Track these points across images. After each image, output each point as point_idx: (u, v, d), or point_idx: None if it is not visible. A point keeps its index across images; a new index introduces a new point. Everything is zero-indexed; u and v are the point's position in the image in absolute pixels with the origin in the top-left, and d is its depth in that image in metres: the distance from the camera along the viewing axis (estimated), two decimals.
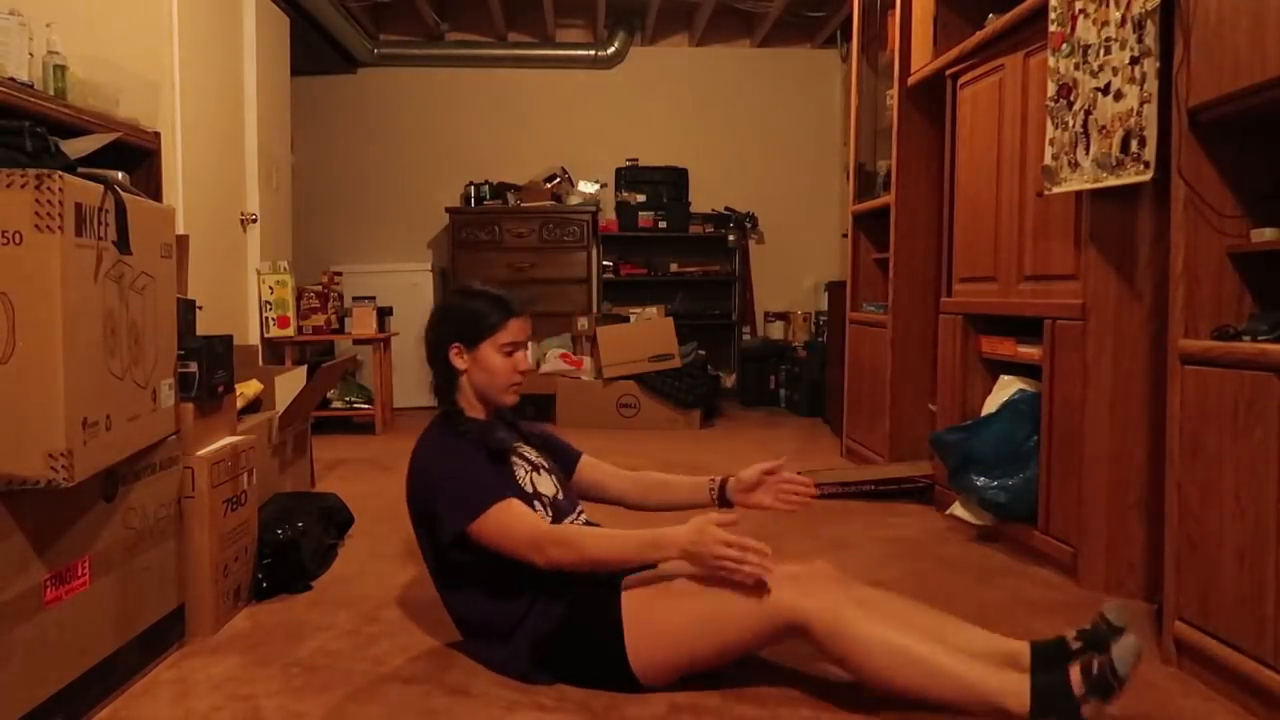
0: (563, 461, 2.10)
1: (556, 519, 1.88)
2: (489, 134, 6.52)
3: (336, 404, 5.15)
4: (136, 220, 1.70)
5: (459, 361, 1.91)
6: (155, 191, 2.97)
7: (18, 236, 1.44)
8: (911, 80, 3.62)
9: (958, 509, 2.95)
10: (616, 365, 5.25)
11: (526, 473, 1.92)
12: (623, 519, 2.05)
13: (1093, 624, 1.63)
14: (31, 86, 2.45)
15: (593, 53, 6.46)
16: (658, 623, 1.71)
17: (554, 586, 1.79)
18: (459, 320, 1.93)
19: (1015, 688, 1.51)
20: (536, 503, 1.86)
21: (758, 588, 1.65)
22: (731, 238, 6.38)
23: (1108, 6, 2.22)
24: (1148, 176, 2.11)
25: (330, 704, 1.75)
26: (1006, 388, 2.85)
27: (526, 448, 1.99)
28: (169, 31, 3.65)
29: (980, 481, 2.75)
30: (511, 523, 1.75)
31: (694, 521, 1.68)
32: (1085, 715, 1.49)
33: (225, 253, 4.25)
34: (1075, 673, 1.50)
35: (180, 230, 3.04)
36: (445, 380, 1.94)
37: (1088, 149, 2.30)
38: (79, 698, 1.65)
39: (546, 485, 1.94)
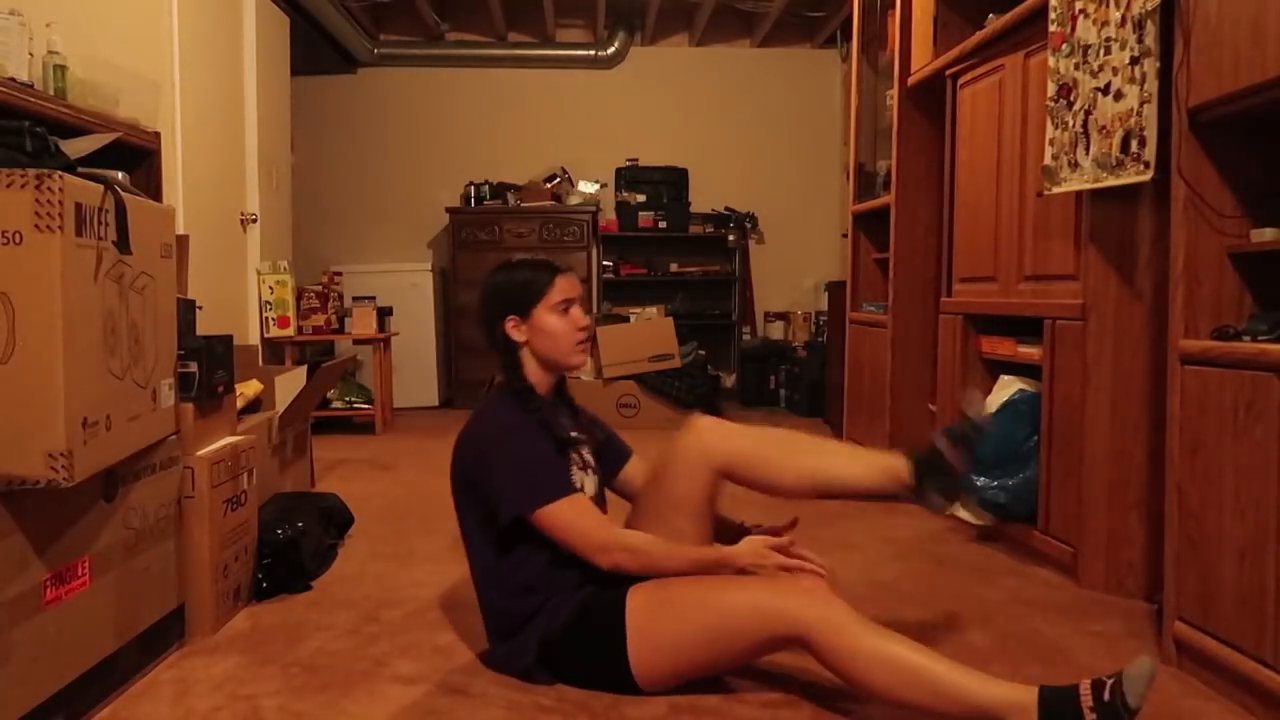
0: (610, 458, 2.06)
1: None
2: (489, 134, 6.52)
3: (336, 404, 5.15)
4: (136, 220, 1.70)
5: (517, 334, 1.89)
6: (155, 191, 2.96)
7: (18, 236, 1.44)
8: (911, 80, 3.62)
9: (958, 509, 2.95)
10: (616, 365, 5.25)
11: (578, 471, 1.90)
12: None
13: (958, 423, 1.80)
14: (31, 86, 2.45)
15: (593, 53, 6.47)
16: (662, 633, 1.71)
17: (566, 588, 1.79)
18: (506, 293, 1.90)
19: (1021, 704, 1.47)
20: None
21: (750, 603, 1.66)
22: (731, 238, 6.38)
23: (1108, 6, 2.22)
24: (1148, 176, 2.11)
25: (330, 704, 1.75)
26: (1006, 388, 2.85)
27: (582, 446, 1.96)
28: (169, 31, 3.65)
29: (980, 481, 2.75)
30: (583, 519, 1.75)
31: (751, 543, 1.76)
32: None
33: (225, 253, 4.25)
34: (1086, 692, 1.45)
35: (180, 230, 3.04)
36: (509, 357, 1.91)
37: (1088, 149, 2.30)
38: (79, 698, 1.65)
39: (590, 487, 1.92)
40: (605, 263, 6.33)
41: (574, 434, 1.93)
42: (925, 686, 1.52)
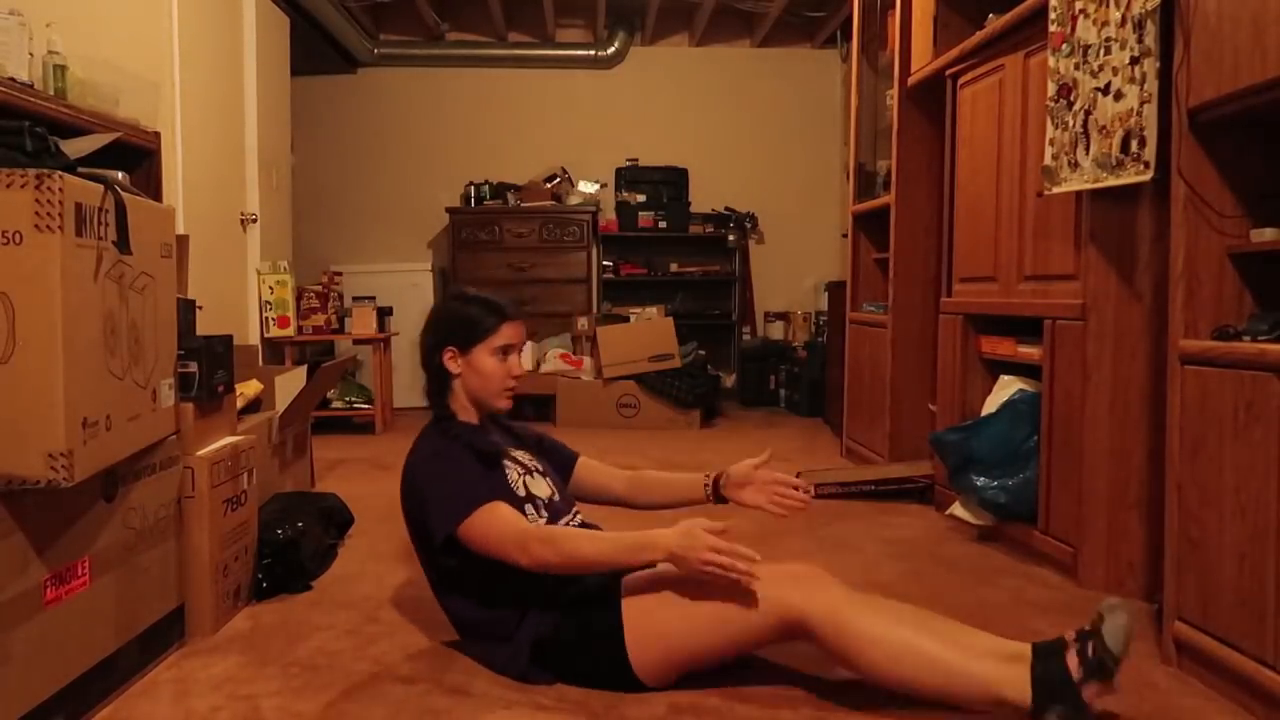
0: (559, 464, 2.10)
1: (552, 520, 1.88)
2: (489, 134, 6.52)
3: (336, 404, 5.15)
4: (136, 220, 1.70)
5: (453, 365, 1.92)
6: (155, 191, 2.96)
7: (18, 236, 1.44)
8: (911, 80, 3.62)
9: (958, 509, 2.95)
10: (616, 365, 5.25)
11: (519, 475, 1.91)
12: (620, 520, 2.05)
13: (1091, 624, 1.64)
14: (31, 86, 2.45)
15: (593, 53, 6.46)
16: (659, 623, 1.71)
17: (553, 588, 1.79)
18: (453, 324, 1.93)
19: (1015, 679, 1.53)
20: (529, 505, 1.86)
21: (748, 591, 1.65)
22: (731, 238, 6.37)
23: (1108, 6, 2.22)
24: (1148, 176, 2.11)
25: (330, 704, 1.75)
26: (1006, 388, 2.85)
27: (520, 451, 2.00)
28: (169, 31, 3.66)
29: (980, 481, 2.75)
30: (497, 524, 1.74)
31: (682, 524, 1.67)
32: (1087, 699, 1.51)
33: (225, 253, 4.25)
34: (1072, 658, 1.52)
35: (180, 230, 3.04)
36: (438, 384, 1.95)
37: (1088, 149, 2.30)
38: (79, 698, 1.65)
39: (541, 488, 1.94)
40: (605, 263, 6.33)
41: (508, 446, 1.96)
42: (922, 663, 1.57)
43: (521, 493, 1.87)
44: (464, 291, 2.01)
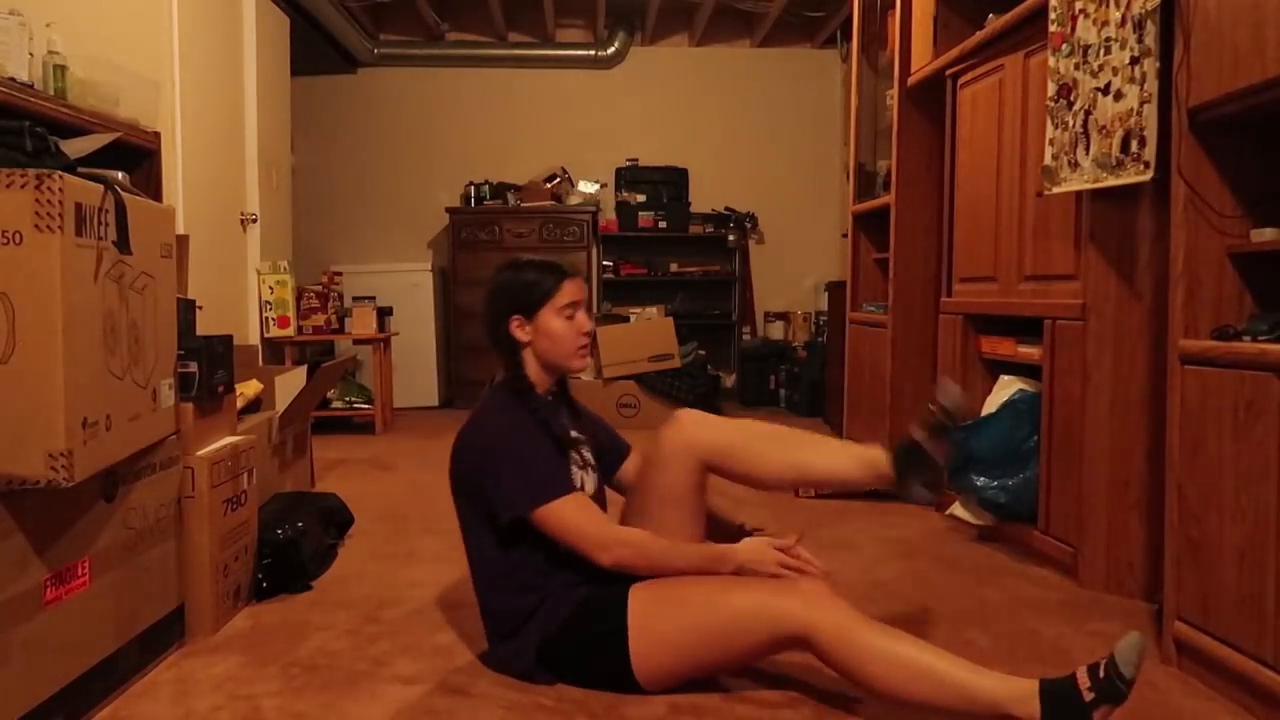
0: (610, 456, 2.08)
1: None
2: (489, 134, 6.52)
3: (336, 404, 5.15)
4: (136, 220, 1.70)
5: (521, 334, 1.89)
6: (155, 191, 2.97)
7: (18, 236, 1.44)
8: (911, 80, 3.62)
9: (958, 509, 2.95)
10: (616, 365, 5.25)
11: (578, 470, 1.91)
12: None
13: (932, 416, 1.79)
14: (31, 86, 2.45)
15: (593, 53, 6.47)
16: (664, 631, 1.72)
17: (566, 586, 1.80)
18: (513, 292, 1.90)
19: (1023, 695, 1.49)
20: None
21: (754, 604, 1.67)
22: (731, 238, 6.38)
23: (1108, 6, 2.22)
24: (1148, 176, 2.11)
25: (330, 704, 1.75)
26: (1006, 388, 2.85)
27: (583, 446, 1.97)
28: (169, 31, 3.66)
29: (980, 481, 2.75)
30: (583, 517, 1.76)
31: (753, 541, 1.76)
32: None
33: (225, 253, 4.25)
34: (1083, 676, 1.48)
35: (180, 230, 3.04)
36: (510, 356, 1.92)
37: (1088, 149, 2.30)
38: (79, 698, 1.65)
39: (590, 485, 1.93)
40: (605, 263, 6.33)
41: (574, 433, 1.94)
42: (930, 683, 1.54)
43: (577, 485, 1.87)
44: (517, 260, 1.98)
